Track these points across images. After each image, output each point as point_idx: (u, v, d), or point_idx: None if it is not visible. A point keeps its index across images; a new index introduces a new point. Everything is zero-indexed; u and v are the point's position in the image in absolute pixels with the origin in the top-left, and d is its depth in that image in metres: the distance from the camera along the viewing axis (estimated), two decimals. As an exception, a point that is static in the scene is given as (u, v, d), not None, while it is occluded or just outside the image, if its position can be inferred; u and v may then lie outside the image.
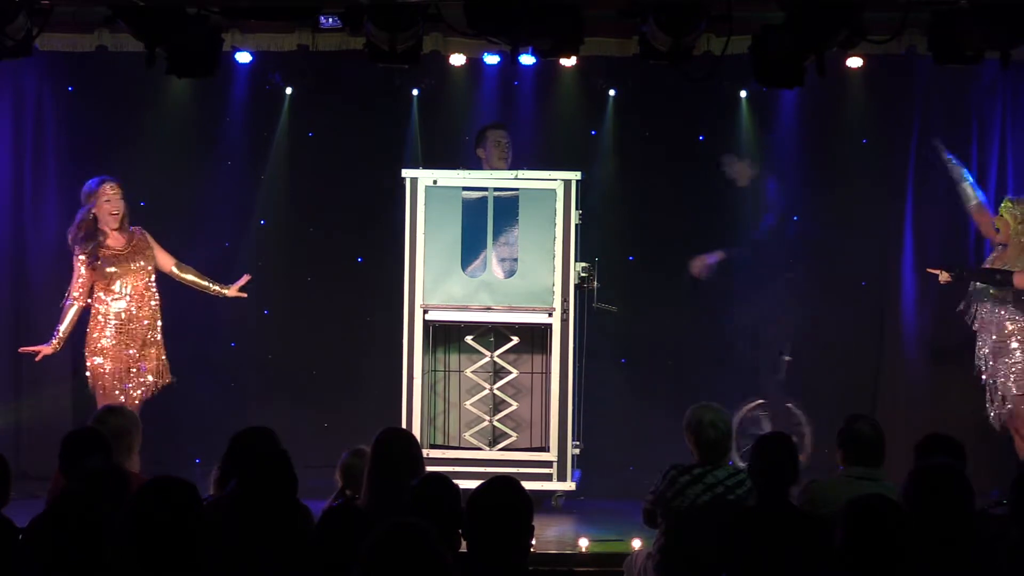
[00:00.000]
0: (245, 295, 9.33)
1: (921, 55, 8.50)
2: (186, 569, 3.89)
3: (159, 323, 9.10)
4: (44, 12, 7.82)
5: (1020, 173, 9.88)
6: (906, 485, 4.91)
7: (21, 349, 9.17)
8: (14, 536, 5.32)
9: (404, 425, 8.67)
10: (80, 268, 8.94)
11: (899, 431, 8.13)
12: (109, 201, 9.02)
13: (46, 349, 8.98)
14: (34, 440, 9.63)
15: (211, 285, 9.27)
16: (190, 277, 9.25)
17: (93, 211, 8.97)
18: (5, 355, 9.90)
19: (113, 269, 8.98)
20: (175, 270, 9.21)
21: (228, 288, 9.28)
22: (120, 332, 8.96)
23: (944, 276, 9.25)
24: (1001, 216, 9.15)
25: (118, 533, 4.00)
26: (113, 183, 9.02)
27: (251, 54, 9.45)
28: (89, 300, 8.96)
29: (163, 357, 9.08)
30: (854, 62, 9.36)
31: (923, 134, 9.96)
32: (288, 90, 10.13)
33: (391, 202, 9.29)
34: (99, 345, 8.93)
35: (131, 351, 8.97)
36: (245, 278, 9.30)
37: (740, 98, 10.12)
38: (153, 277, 9.12)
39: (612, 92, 10.15)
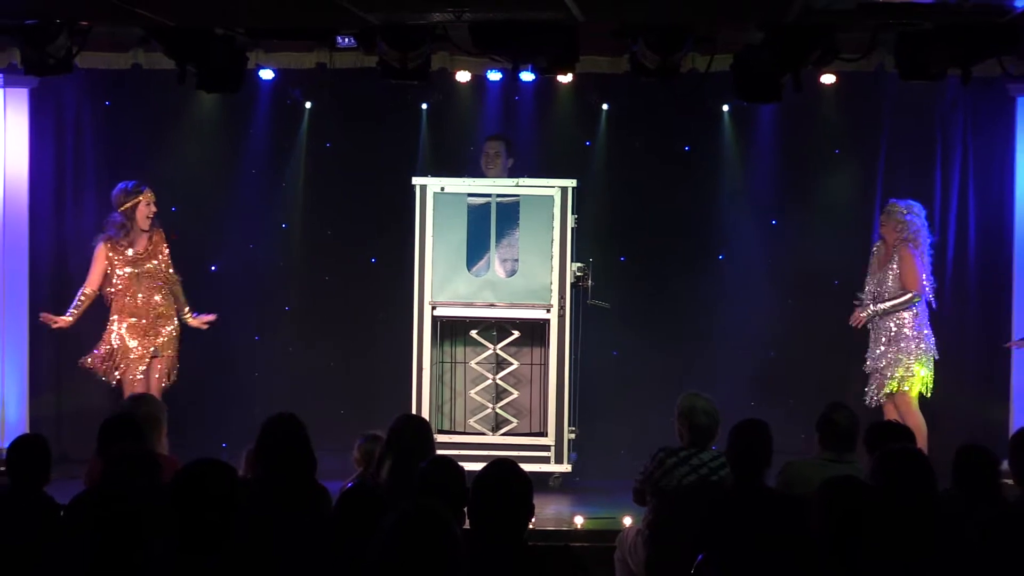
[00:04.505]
0: (205, 327, 9.25)
1: (889, 72, 8.50)
2: (221, 544, 3.91)
3: (175, 321, 9.12)
4: (83, 32, 7.84)
5: (981, 181, 9.88)
6: (873, 468, 4.93)
7: (42, 315, 9.11)
8: (56, 512, 5.36)
9: (413, 412, 8.68)
10: (103, 258, 8.97)
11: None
12: (149, 204, 9.07)
13: (61, 321, 8.99)
14: (74, 426, 9.64)
15: (184, 306, 9.19)
16: (175, 289, 9.19)
17: (130, 210, 9.02)
18: (49, 352, 9.89)
19: (132, 269, 9.01)
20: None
21: (195, 318, 9.21)
22: (133, 329, 8.98)
23: (859, 318, 9.06)
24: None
25: (157, 511, 4.03)
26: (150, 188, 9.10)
27: (273, 71, 9.46)
28: (106, 291, 9.00)
29: (172, 355, 9.08)
30: (828, 79, 9.36)
31: (891, 145, 9.97)
32: (307, 104, 10.12)
33: (402, 207, 9.31)
34: (112, 339, 8.97)
35: (142, 348, 8.99)
36: (212, 316, 9.26)
37: (723, 112, 10.10)
38: (166, 278, 9.14)
39: (605, 106, 10.13)
